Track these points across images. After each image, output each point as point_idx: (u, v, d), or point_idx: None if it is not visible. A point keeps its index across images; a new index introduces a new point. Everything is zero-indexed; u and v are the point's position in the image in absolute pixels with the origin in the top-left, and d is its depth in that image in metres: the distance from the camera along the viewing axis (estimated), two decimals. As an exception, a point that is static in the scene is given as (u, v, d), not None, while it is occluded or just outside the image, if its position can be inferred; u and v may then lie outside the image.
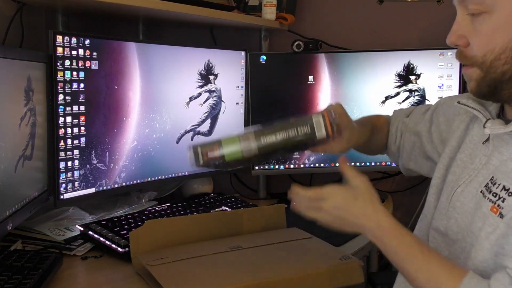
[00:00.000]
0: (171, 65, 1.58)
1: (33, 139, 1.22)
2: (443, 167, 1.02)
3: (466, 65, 0.86)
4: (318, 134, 0.90)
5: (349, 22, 1.95)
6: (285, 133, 0.91)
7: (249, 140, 0.93)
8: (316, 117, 0.90)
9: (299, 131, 0.90)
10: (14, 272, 0.99)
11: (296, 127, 0.91)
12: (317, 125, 0.90)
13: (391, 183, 1.98)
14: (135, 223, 1.32)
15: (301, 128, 0.90)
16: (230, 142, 0.95)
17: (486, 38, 0.82)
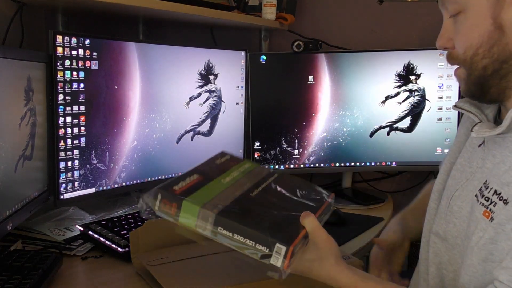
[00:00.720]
0: (171, 65, 1.58)
1: (33, 139, 1.22)
2: (444, 172, 1.02)
3: (456, 67, 0.89)
4: (272, 262, 0.79)
5: (349, 22, 1.95)
6: (241, 240, 0.81)
7: (206, 222, 0.82)
8: (279, 247, 0.78)
9: (255, 247, 0.80)
10: (14, 272, 0.98)
11: (257, 241, 0.79)
12: (275, 254, 0.78)
13: (391, 183, 1.98)
14: (135, 223, 1.32)
15: (259, 246, 0.79)
16: (189, 210, 0.83)
17: (464, 36, 0.85)
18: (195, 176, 0.93)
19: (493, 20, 0.81)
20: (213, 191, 0.89)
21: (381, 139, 1.77)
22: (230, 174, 0.98)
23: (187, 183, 0.89)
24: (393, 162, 1.79)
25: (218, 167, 1.01)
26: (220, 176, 0.96)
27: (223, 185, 0.93)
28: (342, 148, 1.78)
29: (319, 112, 1.76)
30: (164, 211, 0.84)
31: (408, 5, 1.89)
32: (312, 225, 0.86)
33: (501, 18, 0.81)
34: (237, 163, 1.04)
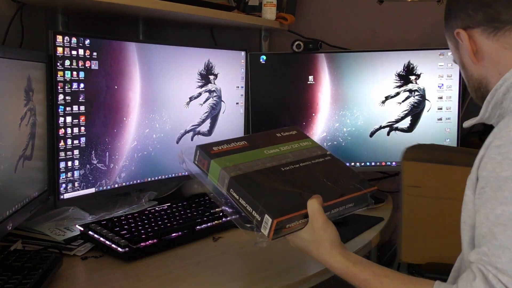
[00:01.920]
0: (171, 65, 1.58)
1: (33, 139, 1.22)
2: None
3: None
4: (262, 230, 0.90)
5: (349, 22, 1.95)
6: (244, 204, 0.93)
7: (223, 183, 0.95)
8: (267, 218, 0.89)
9: (252, 213, 0.91)
10: (14, 272, 0.98)
11: (254, 208, 0.91)
12: (264, 224, 0.89)
13: (391, 183, 1.98)
14: (135, 223, 1.32)
15: (255, 213, 0.90)
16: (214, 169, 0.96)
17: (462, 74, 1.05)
18: (243, 142, 1.04)
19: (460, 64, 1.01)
20: (246, 158, 1.00)
21: (381, 139, 1.77)
22: (279, 147, 1.06)
23: (228, 146, 1.02)
24: (393, 162, 1.79)
25: (273, 138, 1.09)
26: (267, 147, 1.04)
27: (263, 155, 1.02)
28: (342, 148, 1.78)
29: (319, 112, 1.76)
30: (199, 165, 0.99)
31: (408, 5, 1.89)
32: (313, 208, 0.93)
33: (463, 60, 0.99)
34: (297, 139, 1.11)
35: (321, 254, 0.94)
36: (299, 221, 0.92)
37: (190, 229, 1.36)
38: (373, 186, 1.06)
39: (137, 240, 1.23)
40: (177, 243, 1.30)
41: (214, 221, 1.42)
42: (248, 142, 1.04)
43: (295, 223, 0.91)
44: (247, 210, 0.92)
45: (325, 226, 0.93)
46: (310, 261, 1.25)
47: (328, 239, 0.93)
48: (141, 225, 1.31)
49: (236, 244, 1.34)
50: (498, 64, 0.94)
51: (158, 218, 1.37)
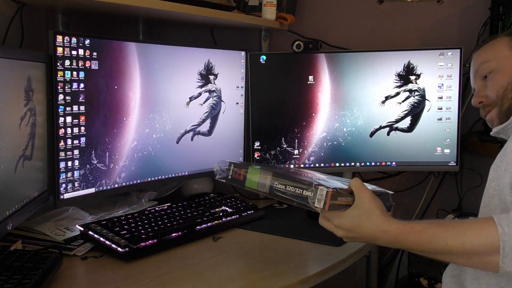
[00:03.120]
0: (171, 65, 1.58)
1: (33, 139, 1.22)
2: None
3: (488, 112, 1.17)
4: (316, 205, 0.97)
5: (349, 22, 1.95)
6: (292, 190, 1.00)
7: (266, 180, 1.05)
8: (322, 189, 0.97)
9: (303, 193, 0.98)
10: (14, 272, 0.98)
11: (304, 188, 0.99)
12: (319, 197, 0.96)
13: (391, 183, 1.98)
14: (135, 223, 1.32)
15: (306, 192, 0.98)
16: (253, 172, 1.07)
17: (497, 84, 1.14)
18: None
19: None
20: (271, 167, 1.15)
21: (381, 139, 1.77)
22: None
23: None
24: (393, 162, 1.79)
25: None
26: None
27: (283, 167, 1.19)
28: (342, 148, 1.78)
29: (319, 112, 1.76)
30: (234, 178, 1.11)
31: (408, 5, 1.89)
32: (357, 184, 0.99)
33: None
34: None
35: (375, 222, 0.95)
36: (346, 198, 0.99)
37: (190, 229, 1.36)
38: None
39: (137, 240, 1.23)
40: (177, 243, 1.30)
41: (214, 221, 1.43)
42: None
43: (343, 198, 0.98)
44: (297, 193, 0.99)
45: (373, 196, 0.98)
46: (310, 261, 1.25)
47: (379, 207, 0.96)
48: (141, 225, 1.31)
49: (236, 244, 1.34)
50: None
51: (158, 218, 1.37)
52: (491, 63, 1.15)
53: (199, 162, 1.68)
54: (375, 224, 0.95)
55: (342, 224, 0.98)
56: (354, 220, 0.96)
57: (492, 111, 1.16)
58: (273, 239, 1.38)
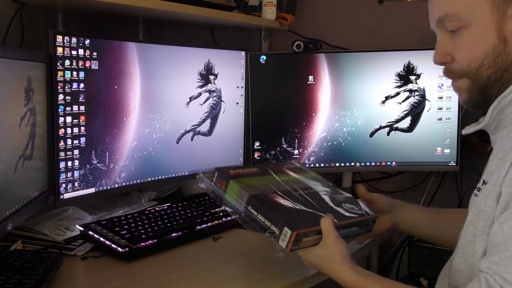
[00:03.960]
0: (171, 65, 1.58)
1: (33, 139, 1.22)
2: None
3: (454, 79, 0.94)
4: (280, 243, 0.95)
5: (349, 22, 1.95)
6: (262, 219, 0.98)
7: (242, 200, 1.01)
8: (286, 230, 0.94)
9: (270, 227, 0.96)
10: (14, 272, 0.98)
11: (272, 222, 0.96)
12: (283, 237, 0.95)
13: (391, 183, 1.98)
14: (135, 223, 1.32)
15: (273, 227, 0.96)
16: (233, 188, 1.03)
17: (468, 50, 0.89)
18: (255, 169, 1.13)
19: (497, 33, 0.86)
20: (261, 181, 1.08)
21: (381, 139, 1.77)
22: (287, 175, 1.15)
23: (243, 170, 1.10)
24: (393, 162, 1.79)
25: (281, 169, 1.18)
26: (277, 174, 1.13)
27: (275, 180, 1.10)
28: (342, 148, 1.78)
29: (319, 112, 1.76)
30: (217, 186, 1.05)
31: (408, 5, 1.89)
32: (326, 225, 0.97)
33: (504, 31, 0.86)
34: (302, 172, 1.21)
35: (333, 268, 0.96)
36: (314, 237, 0.98)
37: (190, 229, 1.36)
38: (374, 214, 1.13)
39: (137, 240, 1.23)
40: (177, 243, 1.30)
41: (214, 221, 1.43)
42: (259, 169, 1.13)
43: (310, 237, 0.97)
44: (266, 225, 0.97)
45: (337, 242, 0.97)
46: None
47: (339, 254, 0.96)
48: (141, 225, 1.31)
49: (236, 244, 1.34)
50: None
51: (158, 218, 1.37)
52: (461, 14, 0.87)
53: (199, 162, 1.67)
54: (334, 270, 0.97)
55: (307, 259, 1.00)
56: (318, 260, 0.98)
57: (461, 80, 0.92)
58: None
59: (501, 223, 0.80)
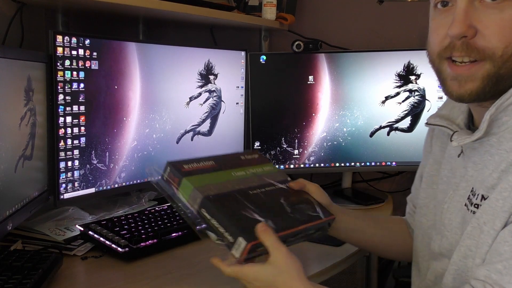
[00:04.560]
0: (171, 65, 1.58)
1: (33, 139, 1.22)
2: (428, 187, 1.03)
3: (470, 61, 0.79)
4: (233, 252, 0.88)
5: (349, 22, 1.95)
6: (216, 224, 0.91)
7: (195, 202, 0.94)
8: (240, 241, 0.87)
9: (223, 234, 0.90)
10: (14, 272, 0.98)
11: (226, 230, 0.89)
12: (236, 246, 0.88)
13: (391, 183, 1.98)
14: (135, 223, 1.32)
15: (227, 235, 0.89)
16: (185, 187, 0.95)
17: (510, 28, 0.74)
18: (211, 162, 1.04)
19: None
20: (217, 178, 1.00)
21: (381, 139, 1.77)
22: (244, 170, 1.07)
23: (198, 165, 1.01)
24: (393, 162, 1.79)
25: (238, 161, 1.09)
26: (234, 169, 1.05)
27: (231, 176, 1.03)
28: (342, 148, 1.78)
29: (319, 112, 1.76)
30: (169, 181, 0.97)
31: (408, 5, 1.89)
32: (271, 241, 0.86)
33: None
34: (260, 163, 1.12)
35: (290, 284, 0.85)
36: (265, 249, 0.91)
37: (190, 229, 1.35)
38: (332, 214, 1.05)
39: (137, 240, 1.23)
40: (177, 243, 1.30)
41: (214, 221, 1.42)
42: (215, 162, 1.04)
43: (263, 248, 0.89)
44: (219, 231, 0.90)
45: (289, 255, 0.86)
46: (310, 261, 1.25)
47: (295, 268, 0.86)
48: (141, 225, 1.31)
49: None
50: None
51: (158, 218, 1.37)
52: None
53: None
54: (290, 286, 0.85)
55: (256, 281, 0.86)
56: (270, 279, 0.85)
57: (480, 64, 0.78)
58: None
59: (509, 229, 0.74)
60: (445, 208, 0.92)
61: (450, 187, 0.93)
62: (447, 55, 0.83)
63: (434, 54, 0.87)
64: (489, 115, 0.80)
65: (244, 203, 0.95)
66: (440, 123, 0.94)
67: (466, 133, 0.87)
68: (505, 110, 0.80)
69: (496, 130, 0.82)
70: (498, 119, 0.82)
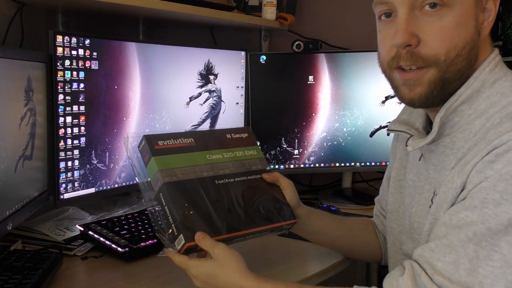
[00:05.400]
0: (171, 65, 1.58)
1: (33, 139, 1.22)
2: (395, 191, 1.04)
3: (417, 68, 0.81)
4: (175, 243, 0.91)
5: (349, 22, 1.95)
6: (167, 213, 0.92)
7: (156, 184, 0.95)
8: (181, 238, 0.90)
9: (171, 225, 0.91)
10: (14, 272, 0.98)
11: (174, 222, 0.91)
12: (177, 241, 0.91)
13: (391, 183, 1.98)
14: (135, 223, 1.32)
15: (173, 226, 0.91)
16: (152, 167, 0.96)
17: (449, 33, 0.78)
18: (190, 139, 1.02)
19: (475, 22, 0.80)
20: (188, 161, 0.98)
21: (381, 139, 1.77)
22: (222, 153, 1.03)
23: (174, 143, 1.00)
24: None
25: (221, 140, 1.06)
26: (212, 150, 1.02)
27: (204, 160, 1.00)
28: (342, 148, 1.78)
29: (319, 112, 1.76)
30: (142, 154, 0.99)
31: (408, 5, 1.89)
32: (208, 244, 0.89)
33: (478, 21, 0.81)
34: (244, 145, 1.08)
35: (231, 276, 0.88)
36: None
37: (190, 229, 1.35)
38: (295, 218, 1.03)
39: (137, 240, 1.23)
40: (177, 243, 1.30)
41: (214, 221, 1.42)
42: (195, 140, 1.02)
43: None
44: (168, 220, 0.92)
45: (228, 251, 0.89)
46: (310, 261, 1.25)
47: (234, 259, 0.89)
48: (141, 225, 1.31)
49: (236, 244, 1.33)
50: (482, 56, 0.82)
51: (158, 218, 1.37)
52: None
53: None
54: (232, 278, 0.88)
55: (199, 275, 0.91)
56: (210, 272, 0.89)
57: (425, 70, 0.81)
58: (273, 239, 1.38)
59: (450, 214, 0.76)
60: (413, 212, 0.93)
61: (416, 191, 0.94)
62: (395, 65, 0.85)
63: (384, 64, 0.90)
64: (439, 118, 0.83)
65: (202, 196, 0.94)
66: (399, 128, 0.96)
67: (420, 136, 0.89)
68: (455, 111, 0.83)
69: (449, 131, 0.85)
70: (449, 121, 0.85)
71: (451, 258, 0.73)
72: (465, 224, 0.74)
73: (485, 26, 0.82)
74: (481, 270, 0.71)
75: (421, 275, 0.74)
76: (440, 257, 0.74)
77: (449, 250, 0.74)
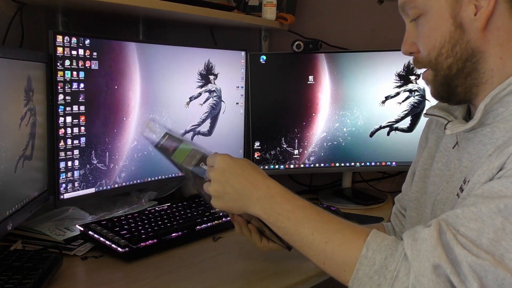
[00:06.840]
0: (171, 65, 1.58)
1: (33, 139, 1.22)
2: (420, 180, 1.04)
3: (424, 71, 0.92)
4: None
5: (349, 22, 1.95)
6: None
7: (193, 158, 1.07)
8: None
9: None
10: (14, 272, 0.98)
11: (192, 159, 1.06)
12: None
13: (391, 183, 1.98)
14: (135, 223, 1.32)
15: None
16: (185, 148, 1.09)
17: (427, 38, 0.88)
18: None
19: (453, 20, 0.85)
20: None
21: (381, 139, 1.77)
22: None
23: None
24: (393, 162, 1.79)
25: None
26: None
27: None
28: (342, 148, 1.78)
29: (319, 112, 1.76)
30: (165, 146, 1.11)
31: (408, 5, 1.89)
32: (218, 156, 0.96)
33: (460, 17, 0.84)
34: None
35: (259, 176, 0.92)
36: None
37: (190, 229, 1.36)
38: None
39: (137, 240, 1.23)
40: (177, 243, 1.30)
41: (214, 221, 1.43)
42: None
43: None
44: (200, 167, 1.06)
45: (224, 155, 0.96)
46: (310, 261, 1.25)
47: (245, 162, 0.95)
48: (141, 225, 1.31)
49: (236, 244, 1.34)
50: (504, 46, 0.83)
51: (158, 218, 1.37)
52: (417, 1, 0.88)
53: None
54: (261, 175, 0.93)
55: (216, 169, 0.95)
56: (244, 164, 0.94)
57: (426, 71, 0.92)
58: (273, 239, 1.38)
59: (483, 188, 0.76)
60: (438, 200, 0.93)
61: (443, 179, 0.94)
62: None
63: None
64: (484, 105, 0.83)
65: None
66: (438, 113, 0.96)
67: (459, 122, 0.90)
68: (501, 101, 0.83)
69: (491, 121, 0.85)
70: (493, 110, 0.84)
71: (475, 225, 0.72)
72: (498, 196, 0.73)
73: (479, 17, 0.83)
74: (504, 243, 0.70)
75: (446, 233, 0.73)
76: (464, 222, 0.73)
77: (475, 217, 0.72)
